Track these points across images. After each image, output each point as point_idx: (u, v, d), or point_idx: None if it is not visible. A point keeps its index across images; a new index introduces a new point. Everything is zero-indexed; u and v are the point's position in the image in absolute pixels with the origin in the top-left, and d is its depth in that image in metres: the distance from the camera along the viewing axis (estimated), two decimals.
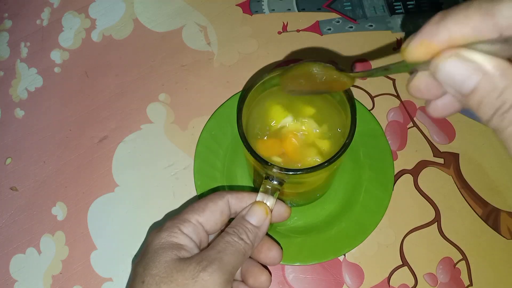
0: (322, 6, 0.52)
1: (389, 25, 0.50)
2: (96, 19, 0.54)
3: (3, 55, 0.53)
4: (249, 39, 0.51)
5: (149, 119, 0.47)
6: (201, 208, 0.30)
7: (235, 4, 0.53)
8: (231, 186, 0.42)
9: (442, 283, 0.38)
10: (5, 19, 0.55)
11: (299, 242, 0.38)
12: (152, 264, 0.26)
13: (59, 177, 0.45)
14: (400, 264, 0.39)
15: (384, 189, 0.39)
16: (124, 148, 0.46)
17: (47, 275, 0.41)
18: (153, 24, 0.53)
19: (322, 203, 0.41)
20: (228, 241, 0.28)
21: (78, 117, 0.48)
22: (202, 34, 0.51)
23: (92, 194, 0.44)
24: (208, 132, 0.43)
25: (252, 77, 0.48)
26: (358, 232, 0.38)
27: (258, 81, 0.32)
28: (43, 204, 0.44)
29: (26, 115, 0.49)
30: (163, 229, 0.29)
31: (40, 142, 0.47)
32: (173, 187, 0.44)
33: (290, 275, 0.39)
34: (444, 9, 0.17)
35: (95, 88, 0.50)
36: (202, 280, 0.25)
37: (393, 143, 0.43)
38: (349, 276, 0.39)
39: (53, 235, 0.43)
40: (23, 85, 0.51)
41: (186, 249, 0.28)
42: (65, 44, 0.53)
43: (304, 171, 0.29)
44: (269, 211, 0.31)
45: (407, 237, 0.40)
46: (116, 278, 0.40)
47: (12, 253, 0.42)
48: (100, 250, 0.42)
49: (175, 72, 0.49)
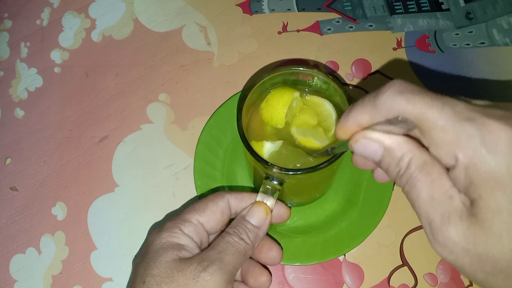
0: (322, 6, 0.52)
1: (389, 25, 0.50)
2: (96, 19, 0.54)
3: (3, 55, 0.53)
4: (249, 39, 0.51)
5: (149, 119, 0.47)
6: (202, 208, 0.30)
7: (235, 4, 0.53)
8: (231, 186, 0.42)
9: (442, 283, 0.38)
10: (5, 19, 0.55)
11: (299, 242, 0.38)
12: (153, 264, 0.27)
13: (59, 177, 0.45)
14: (400, 264, 0.39)
15: (384, 189, 0.39)
16: (124, 148, 0.46)
17: (47, 275, 0.41)
18: (153, 24, 0.53)
19: (322, 203, 0.41)
20: (229, 241, 0.28)
21: (78, 117, 0.48)
22: (202, 34, 0.51)
23: (92, 194, 0.44)
24: (208, 132, 0.43)
25: (252, 77, 0.48)
26: (358, 232, 0.38)
27: (258, 81, 0.32)
28: (43, 204, 0.44)
29: (26, 115, 0.49)
30: (164, 229, 0.29)
31: (40, 142, 0.47)
32: (173, 187, 0.44)
33: (290, 275, 0.39)
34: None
35: (95, 88, 0.50)
36: (203, 280, 0.25)
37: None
38: (349, 276, 0.39)
39: (53, 235, 0.43)
40: (23, 85, 0.51)
41: (187, 249, 0.28)
42: (65, 44, 0.53)
43: (304, 171, 0.29)
44: (269, 211, 0.31)
45: (407, 237, 0.40)
46: (116, 278, 0.40)
47: (12, 253, 0.42)
48: (100, 250, 0.42)
49: (175, 72, 0.49)
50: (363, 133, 0.22)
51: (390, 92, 0.20)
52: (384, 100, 0.20)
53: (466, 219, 0.19)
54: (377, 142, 0.21)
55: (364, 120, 0.22)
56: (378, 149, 0.22)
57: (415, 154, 0.21)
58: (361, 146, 0.22)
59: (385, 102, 0.20)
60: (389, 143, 0.21)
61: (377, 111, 0.21)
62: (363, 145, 0.22)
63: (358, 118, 0.22)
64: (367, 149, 0.22)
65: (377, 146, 0.21)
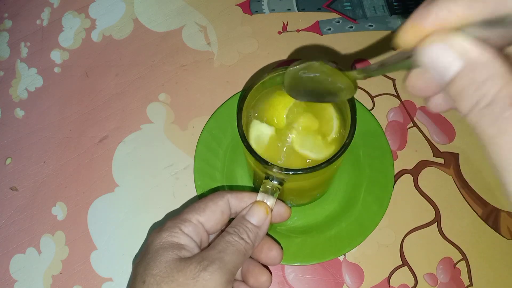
0: (322, 6, 0.52)
1: (389, 25, 0.50)
2: (96, 19, 0.54)
3: (3, 55, 0.53)
4: (249, 39, 0.51)
5: (149, 119, 0.47)
6: (202, 208, 0.30)
7: (235, 4, 0.53)
8: (231, 186, 0.42)
9: (442, 283, 0.38)
10: (5, 19, 0.55)
11: (299, 242, 0.38)
12: (153, 264, 0.27)
13: (59, 177, 0.45)
14: (400, 264, 0.39)
15: (384, 189, 0.39)
16: (124, 148, 0.46)
17: (47, 275, 0.41)
18: (153, 24, 0.53)
19: (322, 203, 0.41)
20: (229, 241, 0.28)
21: (78, 117, 0.48)
22: (202, 34, 0.51)
23: (92, 194, 0.44)
24: (208, 132, 0.43)
25: (252, 77, 0.48)
26: (358, 232, 0.38)
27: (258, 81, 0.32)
28: (43, 204, 0.44)
29: (26, 115, 0.49)
30: (164, 229, 0.29)
31: (40, 142, 0.47)
32: (173, 187, 0.44)
33: (290, 275, 0.39)
34: None
35: (95, 88, 0.50)
36: (203, 280, 0.25)
37: (393, 143, 0.44)
38: (349, 276, 0.39)
39: (53, 235, 0.43)
40: (23, 85, 0.51)
41: (187, 248, 0.28)
42: (65, 44, 0.53)
43: (304, 171, 0.29)
44: (270, 210, 0.31)
45: (407, 237, 0.40)
46: (116, 278, 0.40)
47: (12, 253, 0.42)
48: (100, 250, 0.42)
49: (175, 72, 0.49)
50: (440, 35, 0.15)
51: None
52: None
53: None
54: (459, 50, 0.15)
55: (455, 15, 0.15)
56: (455, 62, 0.15)
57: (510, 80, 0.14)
58: (435, 52, 0.15)
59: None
60: (476, 55, 0.15)
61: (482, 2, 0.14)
62: (437, 52, 0.15)
63: (445, 12, 0.15)
64: (443, 57, 0.15)
65: (455, 57, 0.15)
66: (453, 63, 0.15)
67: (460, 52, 0.15)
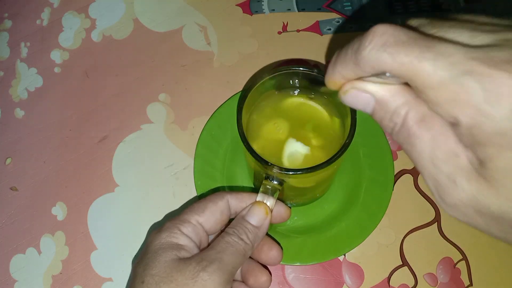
0: (322, 6, 0.52)
1: None
2: (96, 19, 0.54)
3: (3, 55, 0.53)
4: (249, 39, 0.50)
5: (149, 119, 0.47)
6: (201, 209, 0.30)
7: (235, 4, 0.53)
8: (231, 186, 0.42)
9: (442, 283, 0.38)
10: (5, 19, 0.55)
11: (299, 242, 0.38)
12: (152, 264, 0.27)
13: (59, 177, 0.45)
14: (400, 264, 0.39)
15: (384, 189, 0.39)
16: (124, 148, 0.46)
17: (47, 275, 0.41)
18: (153, 24, 0.53)
19: (322, 203, 0.41)
20: (228, 241, 0.28)
21: (78, 117, 0.48)
22: (202, 34, 0.51)
23: (92, 194, 0.44)
24: (208, 132, 0.43)
25: (252, 77, 0.48)
26: (358, 232, 0.38)
27: (258, 81, 0.32)
28: (43, 204, 0.44)
29: (26, 115, 0.49)
30: (163, 229, 0.29)
31: (40, 142, 0.47)
32: (173, 187, 0.44)
33: (290, 275, 0.39)
34: (414, 19, 0.20)
35: (95, 88, 0.50)
36: (201, 280, 0.25)
37: (393, 143, 0.43)
38: (349, 276, 0.39)
39: (53, 235, 0.43)
40: (23, 85, 0.51)
41: (186, 249, 0.28)
42: (65, 44, 0.53)
43: (304, 171, 0.29)
44: (269, 211, 0.31)
45: (407, 237, 0.40)
46: (116, 278, 0.40)
47: (12, 253, 0.42)
48: (100, 250, 0.42)
49: (175, 72, 0.49)
50: (352, 84, 0.20)
51: (371, 47, 0.18)
52: (366, 56, 0.18)
53: (475, 180, 0.17)
54: (368, 92, 0.19)
55: (350, 75, 0.20)
56: (370, 100, 0.19)
57: (412, 106, 0.18)
58: (351, 98, 0.20)
59: (368, 59, 0.18)
60: (381, 94, 0.19)
61: (360, 69, 0.19)
62: (353, 97, 0.20)
63: (343, 73, 0.20)
64: (358, 100, 0.20)
65: (369, 97, 0.19)
66: (368, 102, 0.19)
67: (369, 94, 0.19)
